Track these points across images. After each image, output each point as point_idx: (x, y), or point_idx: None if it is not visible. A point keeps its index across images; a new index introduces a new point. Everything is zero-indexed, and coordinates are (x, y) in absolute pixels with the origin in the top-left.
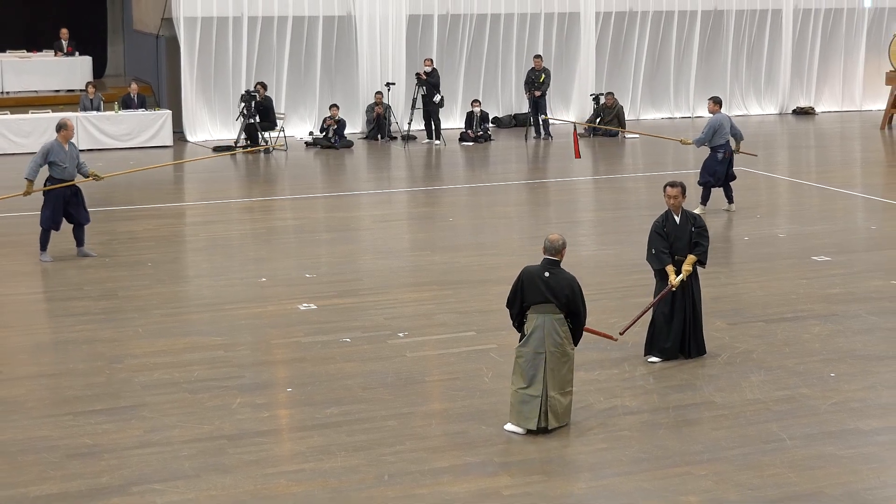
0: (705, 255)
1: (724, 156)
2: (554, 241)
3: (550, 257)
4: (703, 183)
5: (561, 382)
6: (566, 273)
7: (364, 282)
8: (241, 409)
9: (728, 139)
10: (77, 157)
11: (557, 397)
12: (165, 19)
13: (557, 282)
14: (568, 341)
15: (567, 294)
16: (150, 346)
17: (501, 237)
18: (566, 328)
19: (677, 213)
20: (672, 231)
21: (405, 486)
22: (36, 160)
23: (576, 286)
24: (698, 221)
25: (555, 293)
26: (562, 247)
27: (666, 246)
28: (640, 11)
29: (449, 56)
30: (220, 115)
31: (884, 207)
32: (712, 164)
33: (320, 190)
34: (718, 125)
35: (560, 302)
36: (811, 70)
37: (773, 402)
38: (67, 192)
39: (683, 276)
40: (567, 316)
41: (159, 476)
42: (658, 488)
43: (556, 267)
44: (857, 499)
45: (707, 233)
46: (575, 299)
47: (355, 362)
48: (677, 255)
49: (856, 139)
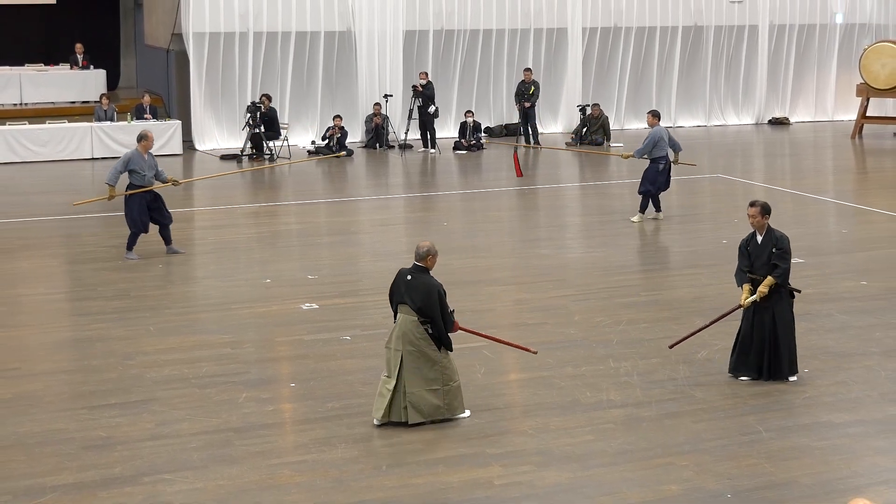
0: (783, 278)
1: (664, 166)
2: (419, 247)
3: (417, 263)
4: (643, 192)
5: (424, 380)
6: (431, 280)
7: (364, 283)
8: (246, 403)
9: (667, 151)
10: (155, 165)
11: (419, 393)
12: (175, 34)
13: (416, 286)
14: (427, 343)
15: (423, 299)
16: (161, 344)
17: (493, 241)
18: (422, 330)
19: (760, 233)
20: (754, 251)
21: (402, 475)
22: (117, 167)
23: (435, 294)
24: (780, 244)
25: (411, 296)
26: (426, 254)
27: (746, 265)
28: (625, 27)
29: (443, 69)
30: (226, 125)
31: (854, 212)
32: (654, 175)
33: (322, 196)
34: (658, 138)
35: (415, 305)
36: (786, 82)
37: (749, 397)
38: (148, 196)
39: (756, 297)
40: (427, 320)
41: (169, 467)
42: (642, 478)
43: (421, 272)
44: (829, 488)
45: (788, 255)
46: (431, 305)
47: (355, 359)
48: (757, 275)
49: (828, 148)
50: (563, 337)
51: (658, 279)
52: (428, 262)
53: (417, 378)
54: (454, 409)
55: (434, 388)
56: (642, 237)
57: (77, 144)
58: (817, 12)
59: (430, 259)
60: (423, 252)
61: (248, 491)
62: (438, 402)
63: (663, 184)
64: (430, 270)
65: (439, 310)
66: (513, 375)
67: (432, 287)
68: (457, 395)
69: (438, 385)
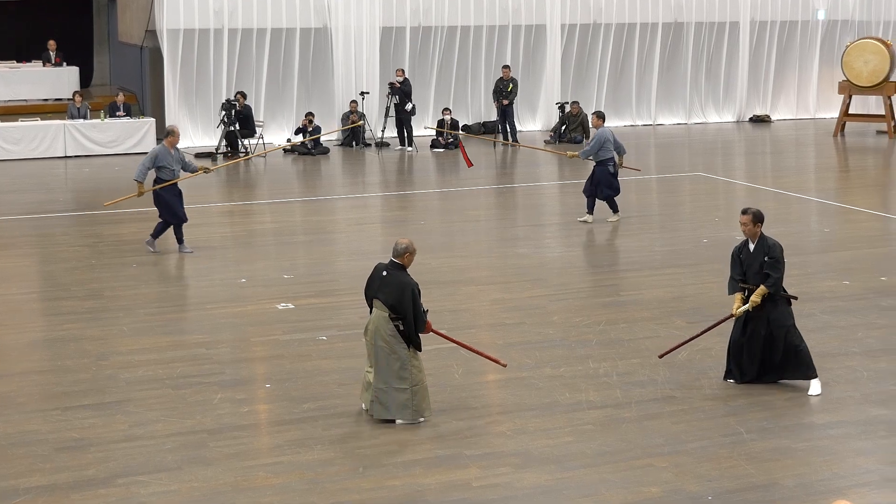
0: (775, 287)
1: (614, 168)
2: (398, 244)
3: (394, 259)
4: (605, 198)
5: (391, 377)
6: (406, 278)
7: (340, 282)
8: (221, 404)
9: (613, 153)
10: (182, 159)
11: (387, 390)
12: (149, 31)
13: (391, 283)
14: (397, 340)
15: (396, 296)
16: (135, 344)
17: (471, 240)
18: (393, 328)
19: (753, 241)
20: (746, 259)
21: (379, 477)
22: (145, 163)
23: (409, 292)
24: (772, 252)
25: (385, 292)
26: (403, 251)
27: (739, 273)
28: (604, 24)
29: (421, 66)
30: (201, 123)
31: (836, 211)
32: (608, 178)
33: (298, 195)
34: (605, 139)
35: (388, 302)
36: (767, 80)
37: (730, 398)
38: (175, 189)
39: (748, 307)
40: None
41: (143, 469)
42: (621, 480)
43: (397, 269)
44: (811, 490)
45: (779, 264)
46: (404, 303)
47: (331, 359)
48: (749, 284)
49: (810, 146)
50: (541, 337)
51: (637, 279)
52: (405, 260)
53: (386, 374)
54: (421, 411)
55: (403, 386)
56: (621, 236)
57: (50, 143)
58: (799, 9)
59: (407, 256)
60: (402, 249)
61: (223, 493)
62: (406, 401)
63: (618, 184)
64: (406, 268)
65: (411, 308)
66: (491, 376)
67: (406, 285)
68: (424, 396)
69: (407, 385)
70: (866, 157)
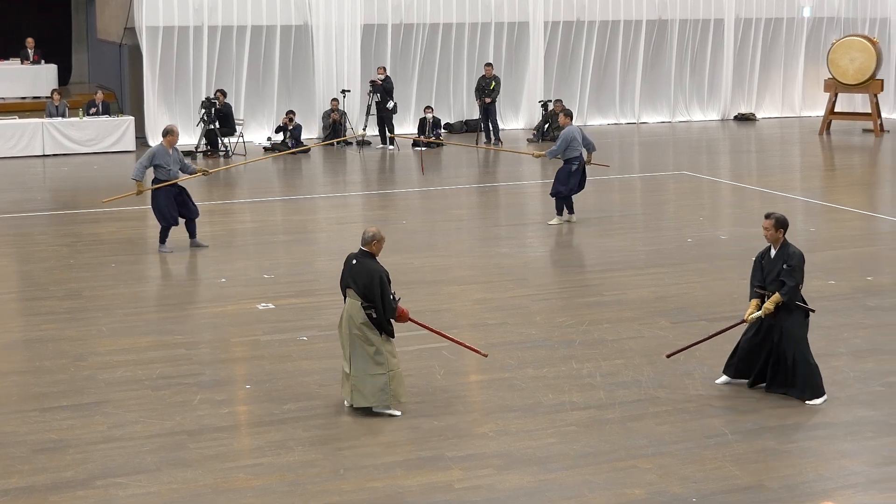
0: (788, 295)
1: (577, 167)
2: (366, 232)
3: (362, 248)
4: (554, 194)
5: (367, 364)
6: (375, 265)
7: (320, 282)
8: (201, 405)
9: (581, 151)
10: (181, 159)
11: (362, 377)
12: (128, 29)
13: (360, 270)
14: (370, 328)
15: (365, 283)
16: (114, 345)
17: (453, 239)
18: (365, 315)
19: (775, 247)
20: (767, 265)
21: (360, 479)
22: (142, 163)
23: (377, 279)
24: (790, 260)
25: (355, 279)
26: (370, 239)
27: (759, 279)
28: (587, 21)
29: (402, 64)
30: (181, 122)
31: (822, 210)
32: (566, 176)
33: (278, 193)
34: (571, 137)
35: (358, 289)
36: (752, 77)
37: (715, 399)
38: (174, 190)
39: (760, 313)
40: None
41: (122, 470)
42: (605, 481)
43: (365, 257)
44: (797, 491)
45: (796, 272)
46: (373, 290)
47: (312, 360)
48: (768, 291)
49: (795, 144)
50: (523, 337)
51: (621, 278)
52: (373, 248)
53: (361, 362)
54: (398, 396)
55: (379, 372)
56: (604, 236)
57: (28, 141)
58: (784, 6)
59: (374, 244)
60: (369, 237)
61: (203, 495)
62: (383, 385)
63: (575, 185)
64: (375, 256)
65: (380, 295)
66: (473, 377)
67: (375, 272)
68: (400, 382)
69: (383, 370)
70: (852, 156)
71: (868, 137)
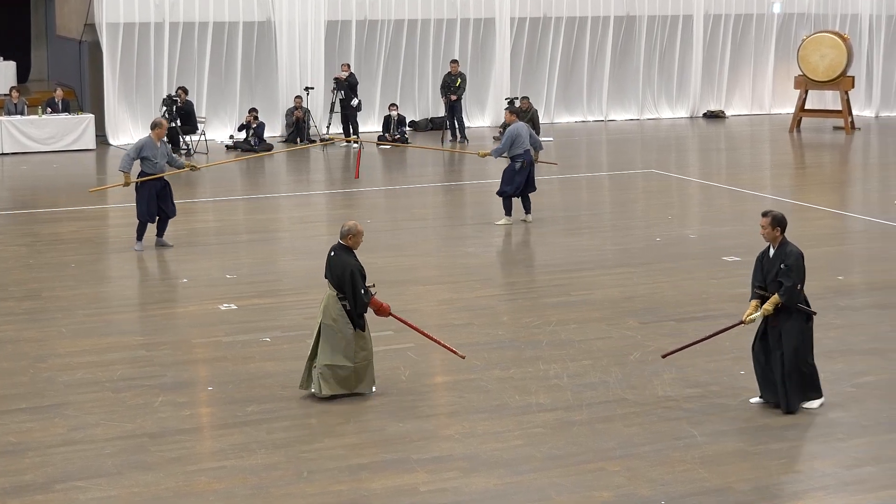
0: (786, 296)
1: (522, 165)
2: (343, 226)
3: (340, 241)
4: (500, 193)
5: (336, 355)
6: (349, 259)
7: (283, 282)
8: (162, 407)
9: (527, 149)
10: (168, 153)
11: (330, 366)
12: (88, 25)
13: (335, 263)
14: (344, 320)
15: (339, 276)
16: (74, 346)
17: (418, 238)
18: (340, 307)
19: (773, 246)
20: (766, 265)
21: (324, 482)
22: (130, 154)
23: (349, 272)
24: (789, 260)
25: (332, 271)
26: (347, 232)
27: (759, 279)
28: (555, 17)
29: (367, 61)
30: (141, 120)
31: (792, 209)
32: (511, 174)
33: (241, 192)
34: (516, 135)
35: (334, 280)
36: (721, 74)
37: (684, 400)
38: (158, 185)
39: (758, 314)
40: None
41: (82, 473)
42: (572, 484)
43: (342, 250)
44: (766, 493)
45: (795, 273)
46: (345, 283)
47: (275, 361)
48: (766, 292)
49: (765, 142)
50: (490, 338)
51: (588, 278)
52: (349, 241)
53: (329, 352)
54: (362, 381)
55: (347, 364)
56: (572, 235)
57: None
58: (754, 2)
59: (351, 238)
60: (345, 231)
61: (164, 499)
62: (347, 377)
63: (521, 184)
64: (353, 249)
65: (352, 289)
66: (439, 378)
67: (347, 265)
68: (366, 371)
69: (350, 363)
70: (823, 154)
71: (839, 135)
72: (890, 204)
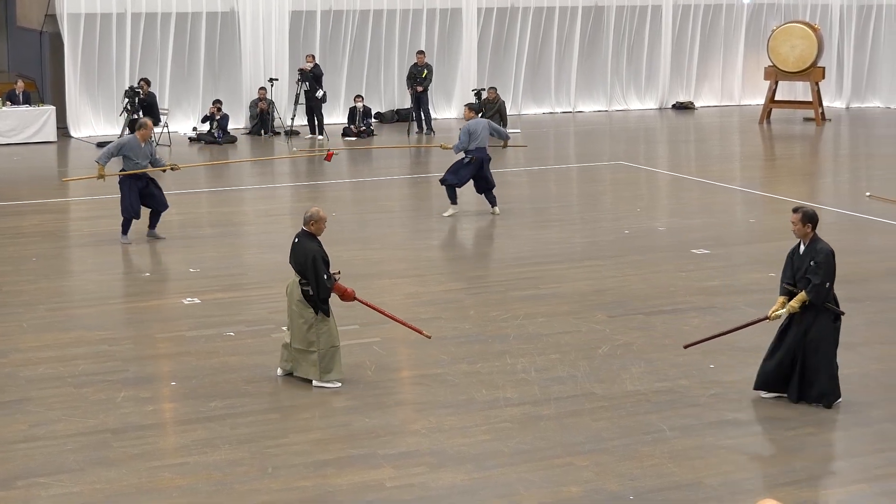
0: (813, 293)
1: (470, 160)
2: (306, 212)
3: (303, 227)
4: (442, 181)
5: (301, 340)
6: (311, 245)
7: (248, 276)
8: (125, 402)
9: (481, 147)
10: (152, 154)
11: (298, 349)
12: (49, 16)
13: (298, 250)
14: (305, 305)
15: (301, 262)
16: (35, 341)
17: (384, 231)
18: (301, 293)
19: (804, 242)
20: (797, 262)
21: (289, 478)
22: (110, 149)
23: (310, 258)
24: (819, 257)
25: (295, 257)
26: (309, 219)
27: (788, 276)
28: (522, 7)
29: (332, 52)
30: (103, 111)
31: (762, 201)
32: (458, 166)
33: (204, 185)
34: (472, 130)
35: (297, 267)
36: (691, 65)
37: (653, 394)
38: (140, 183)
39: (785, 311)
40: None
41: (44, 470)
42: (540, 479)
43: (305, 236)
44: (735, 488)
45: (823, 271)
46: (307, 269)
47: (239, 356)
48: (796, 288)
49: (735, 133)
50: (457, 332)
51: (557, 271)
52: (312, 227)
53: (297, 337)
54: (329, 372)
55: (311, 349)
56: (540, 228)
57: None
58: None
59: (313, 224)
60: (307, 216)
61: (127, 495)
62: (314, 362)
63: (466, 178)
64: (316, 235)
65: (314, 275)
66: (405, 372)
67: (309, 251)
68: (333, 359)
69: (315, 348)
70: (793, 145)
71: (809, 126)
72: (861, 196)
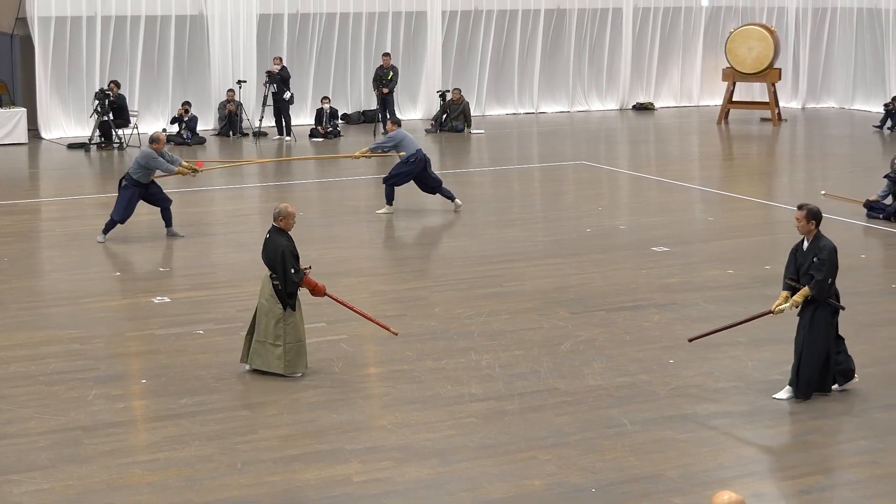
0: (816, 289)
1: (415, 160)
2: (276, 208)
3: (273, 223)
4: (384, 180)
5: (268, 333)
6: (280, 240)
7: (217, 275)
8: (96, 400)
9: (419, 148)
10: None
11: (263, 343)
12: (20, 18)
13: (268, 245)
14: (275, 300)
15: (271, 257)
16: (7, 340)
17: (351, 230)
18: (271, 287)
19: (808, 239)
20: (800, 258)
21: (257, 473)
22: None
23: (279, 253)
24: (822, 254)
25: (266, 253)
26: (278, 214)
27: (792, 272)
28: (486, 10)
29: (299, 54)
30: (74, 113)
31: (720, 199)
32: (399, 166)
33: (173, 186)
34: (400, 139)
35: (267, 262)
36: (650, 67)
37: (614, 389)
38: (142, 189)
39: (788, 305)
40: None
41: (16, 467)
42: (504, 473)
43: (275, 232)
44: (695, 480)
45: (826, 267)
46: (276, 263)
47: (209, 354)
48: (798, 284)
49: (693, 134)
50: (422, 329)
51: (520, 269)
52: (281, 223)
53: (265, 330)
54: (294, 366)
55: (277, 343)
56: (503, 226)
57: None
58: None
59: (281, 220)
60: (276, 212)
61: (98, 491)
62: (279, 355)
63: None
64: (286, 231)
65: (282, 270)
66: (371, 369)
67: (279, 246)
68: (299, 353)
69: (281, 342)
70: (750, 145)
71: (766, 126)
72: (816, 194)
